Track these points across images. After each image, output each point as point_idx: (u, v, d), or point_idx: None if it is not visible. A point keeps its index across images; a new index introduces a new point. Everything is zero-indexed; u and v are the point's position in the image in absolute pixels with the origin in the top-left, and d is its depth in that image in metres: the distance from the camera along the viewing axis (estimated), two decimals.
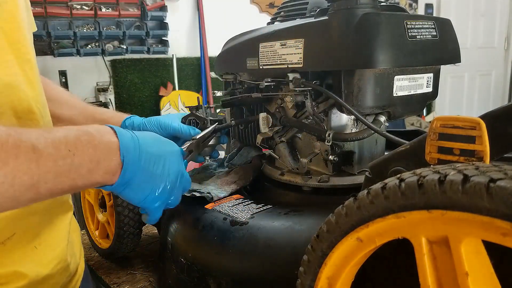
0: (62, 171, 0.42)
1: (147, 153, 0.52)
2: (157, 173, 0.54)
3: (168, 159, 0.56)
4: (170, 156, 0.56)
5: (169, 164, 0.56)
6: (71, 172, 0.43)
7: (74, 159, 0.43)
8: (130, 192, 0.51)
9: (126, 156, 0.49)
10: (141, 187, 0.52)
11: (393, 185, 0.30)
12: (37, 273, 0.54)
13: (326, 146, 0.67)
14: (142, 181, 0.52)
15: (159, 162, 0.54)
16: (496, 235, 0.25)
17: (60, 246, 0.60)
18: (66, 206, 0.64)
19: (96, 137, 0.47)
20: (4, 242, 0.51)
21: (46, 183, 0.41)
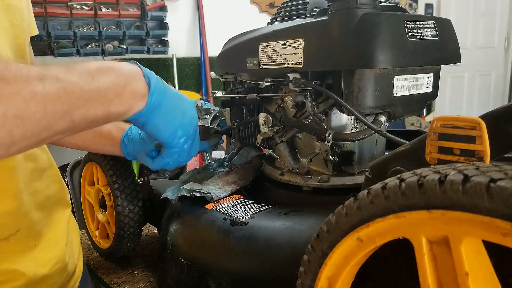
0: (91, 96, 0.43)
1: (169, 88, 0.54)
2: (182, 108, 0.55)
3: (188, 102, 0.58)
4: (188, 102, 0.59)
5: (190, 105, 0.58)
6: (100, 96, 0.44)
7: (99, 84, 0.44)
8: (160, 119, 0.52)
9: (151, 81, 0.50)
10: (170, 116, 0.53)
11: (393, 185, 0.30)
12: (35, 273, 0.54)
13: (326, 146, 0.67)
14: (171, 110, 0.53)
15: (181, 100, 0.56)
16: (496, 235, 0.25)
17: (59, 246, 0.60)
18: (64, 203, 0.64)
19: (118, 66, 0.48)
20: (8, 238, 0.51)
21: (78, 108, 0.41)
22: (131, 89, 0.48)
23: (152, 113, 0.51)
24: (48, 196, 0.60)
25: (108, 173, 0.78)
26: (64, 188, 0.66)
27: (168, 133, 0.55)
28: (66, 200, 0.65)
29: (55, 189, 0.62)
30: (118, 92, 0.46)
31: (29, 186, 0.55)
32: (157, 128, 0.53)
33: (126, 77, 0.48)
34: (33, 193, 0.56)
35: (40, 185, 0.59)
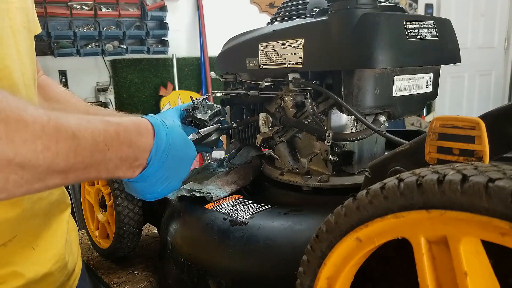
0: (94, 163, 0.42)
1: (172, 156, 0.53)
2: (172, 175, 0.55)
3: (186, 164, 0.57)
4: (188, 161, 0.58)
5: (185, 168, 0.57)
6: (101, 165, 0.44)
7: (107, 154, 0.44)
8: (142, 187, 0.52)
9: (153, 158, 0.50)
10: (154, 185, 0.53)
11: (392, 185, 0.30)
12: (35, 273, 0.54)
13: (326, 146, 0.67)
14: (157, 180, 0.53)
15: (179, 166, 0.55)
16: (495, 235, 0.25)
17: (59, 245, 0.60)
18: (63, 206, 0.64)
19: (133, 136, 0.47)
20: (6, 243, 0.51)
21: (76, 171, 0.41)
22: (129, 163, 0.48)
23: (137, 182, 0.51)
24: (51, 202, 0.60)
25: None
26: (65, 192, 0.66)
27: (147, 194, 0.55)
28: (66, 203, 0.65)
29: (57, 194, 0.62)
30: (118, 164, 0.46)
31: (33, 194, 0.55)
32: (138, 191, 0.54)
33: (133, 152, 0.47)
34: (36, 200, 0.56)
35: (44, 193, 0.59)
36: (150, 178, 0.51)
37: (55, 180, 0.39)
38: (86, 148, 0.41)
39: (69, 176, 0.40)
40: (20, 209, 0.52)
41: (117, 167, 0.46)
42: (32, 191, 0.39)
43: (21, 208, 0.52)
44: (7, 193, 0.35)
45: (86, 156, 0.41)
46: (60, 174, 0.39)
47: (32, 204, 0.55)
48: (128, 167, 0.48)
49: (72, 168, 0.40)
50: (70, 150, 0.39)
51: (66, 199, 0.66)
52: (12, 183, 0.35)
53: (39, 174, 0.37)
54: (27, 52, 0.54)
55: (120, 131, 0.46)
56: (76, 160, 0.40)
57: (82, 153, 0.40)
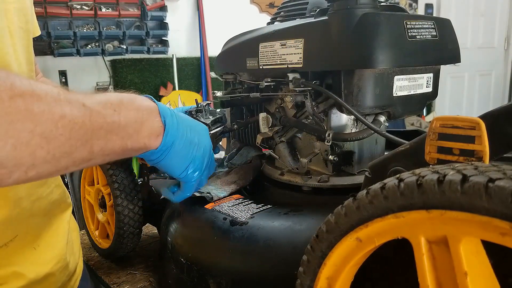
0: (112, 128, 0.43)
1: (182, 122, 0.55)
2: (194, 141, 0.56)
3: (200, 132, 0.59)
4: (201, 130, 0.60)
5: (202, 136, 0.59)
6: (120, 130, 0.44)
7: (120, 118, 0.44)
8: (174, 157, 0.53)
9: (166, 119, 0.51)
10: (183, 153, 0.54)
11: (392, 185, 0.30)
12: (37, 273, 0.54)
13: (326, 146, 0.67)
14: (183, 147, 0.54)
15: (194, 132, 0.57)
16: (495, 235, 0.25)
17: (60, 245, 0.60)
18: (64, 206, 0.64)
19: (137, 100, 0.49)
20: (7, 244, 0.51)
21: (98, 139, 0.41)
22: (148, 127, 0.49)
23: (165, 152, 0.52)
24: (51, 202, 0.60)
25: (108, 173, 0.78)
26: (66, 191, 0.66)
27: (180, 170, 0.57)
28: (67, 203, 0.65)
29: (58, 194, 0.62)
30: (137, 128, 0.47)
31: (32, 193, 0.55)
32: (170, 166, 0.55)
33: (143, 113, 0.48)
34: (36, 200, 0.56)
35: (44, 191, 0.59)
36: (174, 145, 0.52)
37: (81, 153, 0.40)
38: (98, 114, 0.41)
39: (94, 147, 0.41)
40: (20, 208, 0.52)
41: (138, 132, 0.47)
42: (61, 169, 0.39)
43: (20, 207, 0.52)
44: (36, 170, 0.36)
45: (101, 122, 0.41)
46: (83, 145, 0.39)
47: (32, 203, 0.55)
48: (149, 132, 0.49)
49: (93, 136, 0.40)
50: (84, 116, 0.39)
51: (66, 198, 0.66)
52: (39, 159, 0.35)
53: (63, 146, 0.37)
54: (25, 53, 0.54)
55: (121, 97, 0.47)
56: (93, 126, 0.40)
57: (96, 119, 0.41)
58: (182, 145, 0.54)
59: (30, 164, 0.35)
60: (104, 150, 0.42)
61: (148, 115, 0.49)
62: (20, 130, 0.34)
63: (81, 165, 0.41)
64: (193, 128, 0.58)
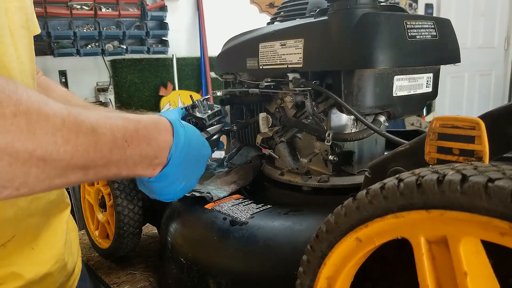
0: (114, 159, 0.42)
1: (190, 154, 0.53)
2: (190, 174, 0.55)
3: (202, 163, 0.58)
4: (204, 159, 0.59)
5: (201, 167, 0.58)
6: (120, 162, 0.43)
7: (127, 151, 0.43)
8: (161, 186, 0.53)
9: (173, 156, 0.50)
10: (173, 184, 0.53)
11: (392, 185, 0.30)
12: (35, 273, 0.54)
13: (326, 146, 0.67)
14: (176, 179, 0.53)
15: (196, 164, 0.56)
16: (494, 235, 0.25)
17: (58, 245, 0.60)
18: (63, 205, 0.64)
19: (153, 134, 0.47)
20: (5, 244, 0.51)
21: (95, 167, 0.40)
22: (149, 161, 0.48)
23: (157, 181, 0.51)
24: (49, 201, 0.60)
25: None
26: (64, 191, 0.66)
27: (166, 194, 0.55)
28: (65, 203, 0.65)
29: (56, 193, 0.62)
30: (137, 162, 0.46)
31: None
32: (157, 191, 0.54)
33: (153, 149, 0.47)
34: (34, 199, 0.56)
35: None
36: (169, 177, 0.51)
37: (76, 176, 0.39)
38: (105, 143, 0.40)
39: (89, 172, 0.40)
40: (16, 207, 0.52)
41: (136, 164, 0.46)
42: (53, 187, 0.38)
43: (17, 206, 0.52)
44: (28, 188, 0.35)
45: (106, 152, 0.41)
46: (80, 169, 0.39)
47: (29, 203, 0.55)
48: (148, 165, 0.48)
49: (92, 163, 0.40)
50: (90, 144, 0.39)
51: (65, 198, 0.65)
52: (33, 178, 0.35)
53: (60, 169, 0.36)
54: (26, 52, 0.54)
55: (139, 128, 0.45)
56: (95, 156, 0.39)
57: (101, 149, 0.40)
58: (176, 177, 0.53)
59: (23, 181, 0.34)
60: (99, 176, 0.42)
61: (156, 151, 0.48)
62: (19, 150, 0.33)
63: (73, 184, 0.41)
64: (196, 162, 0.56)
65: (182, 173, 0.53)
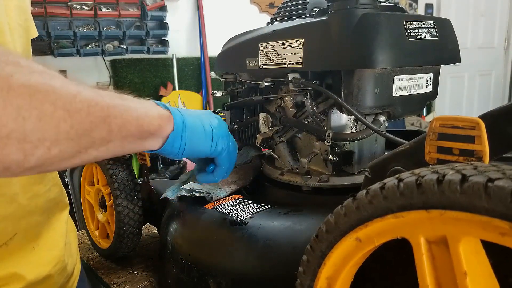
0: (125, 109, 0.42)
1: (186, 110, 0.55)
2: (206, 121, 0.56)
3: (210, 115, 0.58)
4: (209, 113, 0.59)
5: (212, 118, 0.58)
6: (132, 111, 0.43)
7: (129, 103, 0.44)
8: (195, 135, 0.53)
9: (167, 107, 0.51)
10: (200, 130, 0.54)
11: (391, 185, 0.30)
12: (36, 275, 0.54)
13: (326, 146, 0.67)
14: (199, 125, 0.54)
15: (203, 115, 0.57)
16: (494, 235, 0.25)
17: (58, 247, 0.60)
18: (62, 205, 0.64)
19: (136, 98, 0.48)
20: (7, 242, 0.51)
21: (115, 118, 0.41)
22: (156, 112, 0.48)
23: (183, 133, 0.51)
24: (49, 200, 0.60)
25: (108, 173, 0.78)
26: (63, 190, 0.66)
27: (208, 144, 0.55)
28: (65, 202, 0.65)
29: (55, 192, 0.62)
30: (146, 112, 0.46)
31: (28, 190, 0.55)
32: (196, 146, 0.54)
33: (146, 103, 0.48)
34: (33, 197, 0.56)
35: (41, 189, 0.58)
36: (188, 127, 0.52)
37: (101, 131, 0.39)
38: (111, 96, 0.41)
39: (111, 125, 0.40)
40: (16, 204, 0.52)
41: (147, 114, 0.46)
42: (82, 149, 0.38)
43: (17, 203, 0.52)
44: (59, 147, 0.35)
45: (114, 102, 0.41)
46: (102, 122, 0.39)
47: (29, 200, 0.55)
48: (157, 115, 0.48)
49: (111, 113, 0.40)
50: (98, 96, 0.39)
51: (64, 198, 0.66)
52: (63, 133, 0.35)
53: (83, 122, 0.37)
54: (23, 51, 0.54)
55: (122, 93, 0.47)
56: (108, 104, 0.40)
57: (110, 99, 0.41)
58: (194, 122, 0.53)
59: (54, 139, 0.34)
60: (122, 130, 0.42)
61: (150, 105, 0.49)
62: (43, 101, 0.33)
63: (101, 147, 0.40)
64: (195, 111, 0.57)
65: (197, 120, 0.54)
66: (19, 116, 0.31)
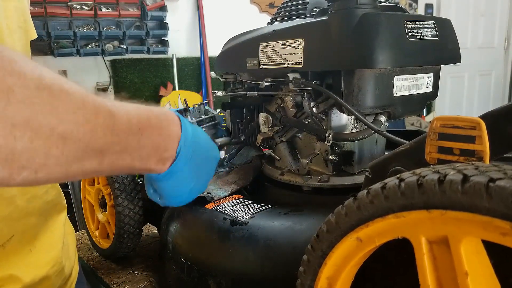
0: (129, 147, 0.41)
1: (198, 151, 0.54)
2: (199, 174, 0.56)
3: (210, 165, 0.58)
4: (212, 161, 0.59)
5: (210, 169, 0.58)
6: (135, 151, 0.43)
7: (140, 140, 0.43)
8: (171, 186, 0.53)
9: (181, 149, 0.50)
10: (183, 183, 0.53)
11: (392, 185, 0.30)
12: (33, 277, 0.54)
13: (326, 146, 0.67)
14: (186, 178, 0.53)
15: (204, 164, 0.56)
16: (495, 235, 0.25)
17: (56, 248, 0.60)
18: (59, 207, 0.64)
19: (163, 124, 0.47)
20: (4, 244, 0.51)
21: (112, 154, 0.39)
22: (160, 154, 0.48)
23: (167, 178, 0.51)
24: (46, 202, 0.60)
25: None
26: (61, 193, 0.66)
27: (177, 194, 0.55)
28: (62, 204, 0.65)
29: (53, 194, 0.62)
30: (150, 153, 0.46)
31: (27, 192, 0.55)
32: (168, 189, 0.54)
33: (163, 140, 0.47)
34: (30, 198, 0.55)
35: (39, 191, 0.58)
36: (179, 174, 0.51)
37: (92, 163, 0.38)
38: (122, 128, 0.40)
39: (105, 159, 0.39)
40: (14, 206, 0.52)
41: (149, 156, 0.46)
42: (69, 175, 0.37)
43: (14, 205, 0.52)
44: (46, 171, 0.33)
45: (122, 137, 0.40)
46: (97, 155, 0.38)
47: (27, 202, 0.54)
48: (159, 158, 0.48)
49: (109, 149, 0.39)
50: (108, 127, 0.38)
51: (62, 200, 0.65)
52: (53, 159, 0.33)
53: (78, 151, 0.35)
54: (23, 53, 0.54)
55: (151, 117, 0.45)
56: (113, 140, 0.39)
57: (118, 133, 0.39)
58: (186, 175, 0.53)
59: (42, 163, 0.33)
60: (113, 166, 0.41)
61: (166, 143, 0.48)
62: (42, 124, 0.31)
63: (87, 175, 0.39)
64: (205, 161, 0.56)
65: (192, 170, 0.53)
66: (11, 135, 0.30)
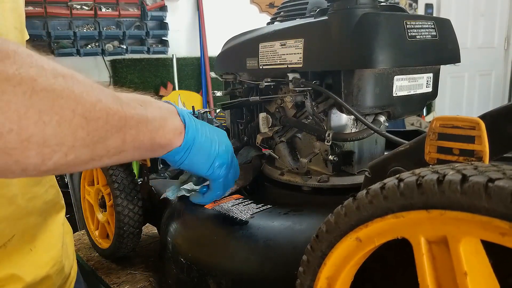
0: (142, 120, 0.44)
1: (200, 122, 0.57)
2: (215, 139, 0.59)
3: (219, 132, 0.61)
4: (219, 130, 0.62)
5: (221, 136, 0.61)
6: (148, 123, 0.45)
7: (147, 112, 0.45)
8: (197, 154, 0.55)
9: (185, 119, 0.53)
10: (205, 149, 0.56)
11: (392, 185, 0.30)
12: (34, 276, 0.54)
13: (326, 146, 0.67)
14: (205, 143, 0.56)
15: (213, 131, 0.59)
16: (495, 235, 0.25)
17: (55, 248, 0.60)
18: (58, 206, 0.64)
19: (157, 101, 0.51)
20: (5, 244, 0.51)
21: (131, 128, 0.42)
22: (171, 124, 0.51)
23: (188, 150, 0.54)
24: (46, 201, 0.60)
25: (108, 173, 0.78)
26: (60, 192, 0.66)
27: (207, 167, 0.58)
28: (61, 204, 0.65)
29: (52, 194, 0.62)
30: (162, 124, 0.48)
31: (27, 191, 0.55)
32: (196, 164, 0.56)
33: (166, 112, 0.51)
34: (31, 198, 0.56)
35: (39, 190, 0.58)
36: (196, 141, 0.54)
37: (115, 141, 0.40)
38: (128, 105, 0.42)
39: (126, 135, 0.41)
40: (15, 205, 0.52)
41: (163, 127, 0.48)
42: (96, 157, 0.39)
43: (15, 204, 0.52)
44: (75, 153, 0.36)
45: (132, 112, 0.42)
46: (117, 131, 0.40)
47: (27, 202, 0.55)
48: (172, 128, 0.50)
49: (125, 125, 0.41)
50: (117, 104, 0.40)
51: (60, 200, 0.66)
52: (79, 140, 0.36)
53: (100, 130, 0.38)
54: None
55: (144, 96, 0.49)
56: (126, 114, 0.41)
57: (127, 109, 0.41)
58: (203, 142, 0.56)
59: (71, 145, 0.35)
60: (135, 141, 0.43)
61: (169, 114, 0.51)
62: (64, 107, 0.34)
63: (113, 156, 0.41)
64: (211, 128, 0.59)
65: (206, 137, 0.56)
66: (40, 120, 0.32)
